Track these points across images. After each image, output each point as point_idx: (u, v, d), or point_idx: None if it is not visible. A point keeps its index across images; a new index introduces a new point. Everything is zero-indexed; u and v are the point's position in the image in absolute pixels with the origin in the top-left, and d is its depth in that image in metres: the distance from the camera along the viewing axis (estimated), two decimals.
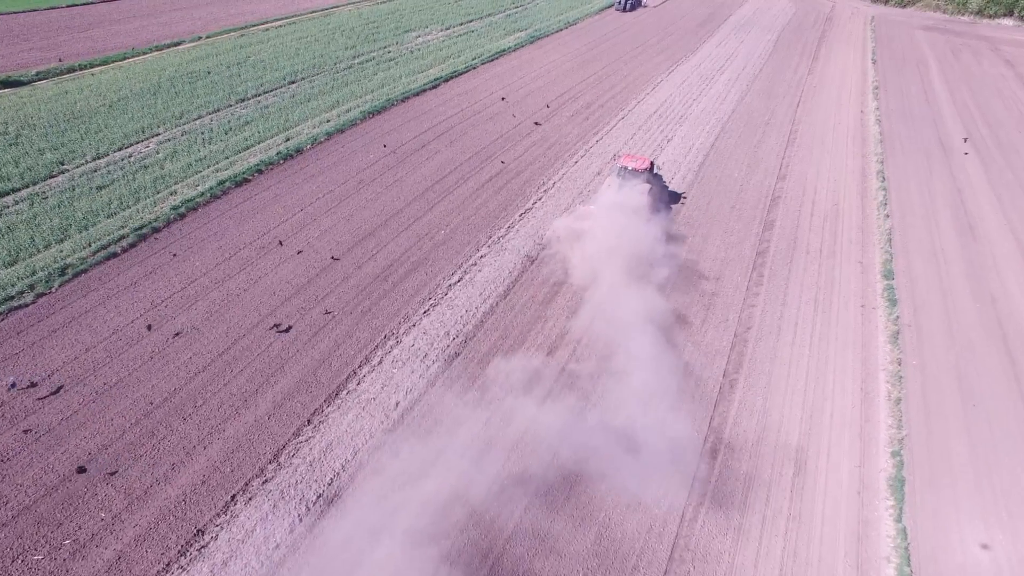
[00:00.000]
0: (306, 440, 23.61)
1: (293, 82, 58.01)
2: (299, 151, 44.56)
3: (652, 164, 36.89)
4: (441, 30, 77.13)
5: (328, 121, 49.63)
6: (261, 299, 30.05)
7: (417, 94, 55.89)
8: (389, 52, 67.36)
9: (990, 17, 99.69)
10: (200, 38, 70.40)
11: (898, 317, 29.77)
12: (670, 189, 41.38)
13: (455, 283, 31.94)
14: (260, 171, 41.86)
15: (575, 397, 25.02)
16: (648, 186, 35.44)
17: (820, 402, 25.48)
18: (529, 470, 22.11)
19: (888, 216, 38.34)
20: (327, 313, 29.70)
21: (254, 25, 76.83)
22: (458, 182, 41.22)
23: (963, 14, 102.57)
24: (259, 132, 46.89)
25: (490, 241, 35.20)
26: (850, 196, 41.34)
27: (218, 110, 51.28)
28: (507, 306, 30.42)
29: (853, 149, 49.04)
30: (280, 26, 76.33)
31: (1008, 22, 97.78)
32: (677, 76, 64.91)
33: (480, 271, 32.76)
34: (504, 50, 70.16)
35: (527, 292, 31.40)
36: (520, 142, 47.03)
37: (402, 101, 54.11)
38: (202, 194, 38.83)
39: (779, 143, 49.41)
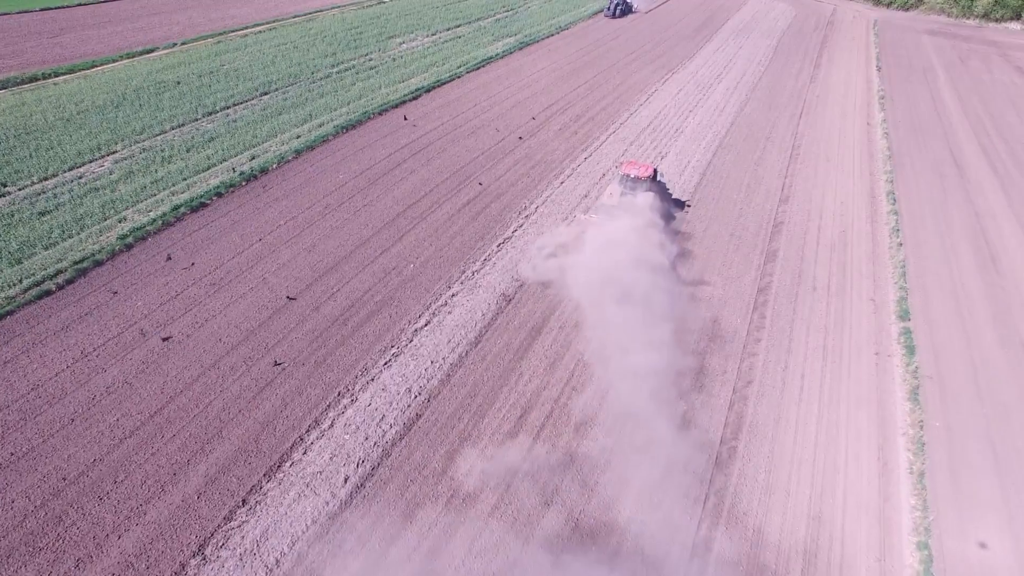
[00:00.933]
0: (239, 526, 20.26)
1: (266, 93, 54.63)
2: (264, 171, 41.19)
3: (655, 171, 34.80)
4: (427, 36, 73.78)
5: (298, 137, 46.25)
6: (205, 347, 26.68)
7: (396, 106, 52.51)
8: (370, 60, 64.00)
9: (996, 21, 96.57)
10: (175, 45, 67.02)
11: (917, 368, 26.41)
12: (674, 197, 38.84)
13: (421, 327, 28.56)
14: (220, 194, 38.49)
15: (535, 495, 21.60)
16: (651, 195, 33.54)
17: (832, 476, 22.13)
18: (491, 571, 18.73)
19: (901, 245, 35.01)
20: (276, 364, 26.34)
21: (233, 31, 73.42)
22: (432, 206, 37.84)
23: (968, 17, 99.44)
24: (224, 149, 43.55)
25: (463, 277, 31.82)
26: (859, 221, 37.99)
27: (183, 124, 47.90)
28: (478, 356, 27.06)
29: (860, 166, 45.70)
30: (260, 32, 72.94)
31: (1015, 26, 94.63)
32: (672, 85, 61.57)
33: (450, 313, 29.38)
34: (491, 57, 66.79)
35: (502, 338, 28.04)
36: (502, 160, 43.65)
37: (379, 114, 50.73)
38: (153, 221, 35.46)
39: (781, 160, 46.05)
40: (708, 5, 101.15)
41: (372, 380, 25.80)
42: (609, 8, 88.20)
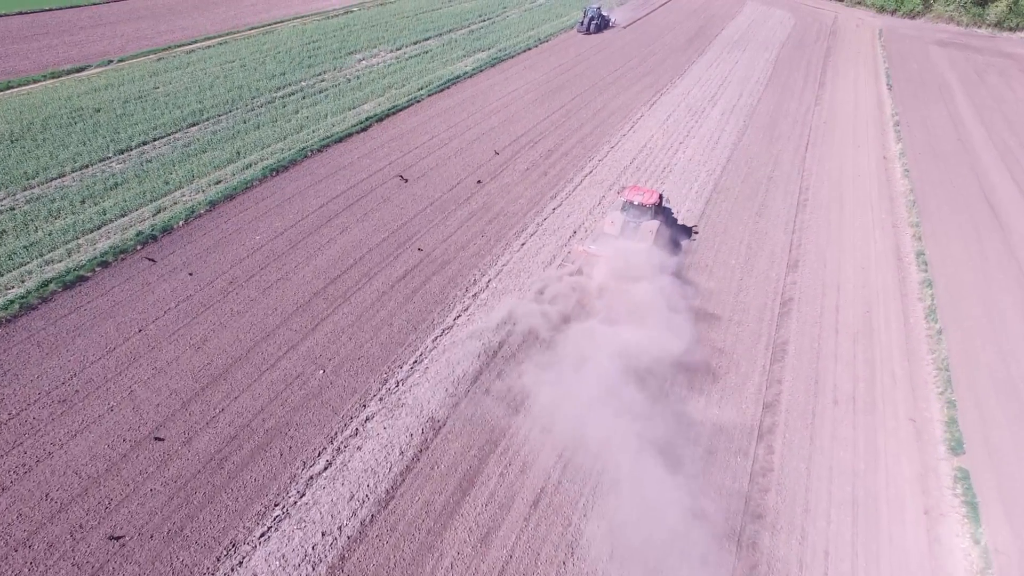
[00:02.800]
0: None
1: (195, 124, 47.20)
2: (167, 230, 33.85)
3: (661, 197, 31.53)
4: (390, 51, 66.36)
5: (218, 183, 38.86)
6: (23, 508, 19.36)
7: (340, 140, 45.10)
8: (322, 81, 56.57)
9: (1011, 30, 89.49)
10: (110, 62, 59.54)
11: (984, 540, 19.07)
12: (679, 223, 35.65)
13: (319, 473, 21.22)
14: (106, 263, 31.17)
15: None
16: (656, 223, 30.30)
17: None
18: None
19: (941, 333, 27.71)
20: (113, 539, 19.01)
21: (180, 46, 65.85)
22: (360, 281, 30.46)
23: (980, 26, 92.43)
24: (126, 200, 36.30)
25: (384, 389, 24.49)
26: (886, 296, 30.72)
27: (87, 165, 40.54)
28: (386, 524, 19.69)
29: (881, 214, 38.47)
30: (209, 47, 65.39)
31: None
32: (661, 109, 54.23)
33: (359, 448, 22.04)
34: (459, 76, 59.40)
35: (421, 493, 20.71)
36: (454, 212, 36.30)
37: (319, 151, 43.34)
38: (8, 304, 28.02)
39: (787, 207, 38.78)
40: (701, 13, 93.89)
41: (241, 564, 18.38)
42: (582, 23, 78.79)
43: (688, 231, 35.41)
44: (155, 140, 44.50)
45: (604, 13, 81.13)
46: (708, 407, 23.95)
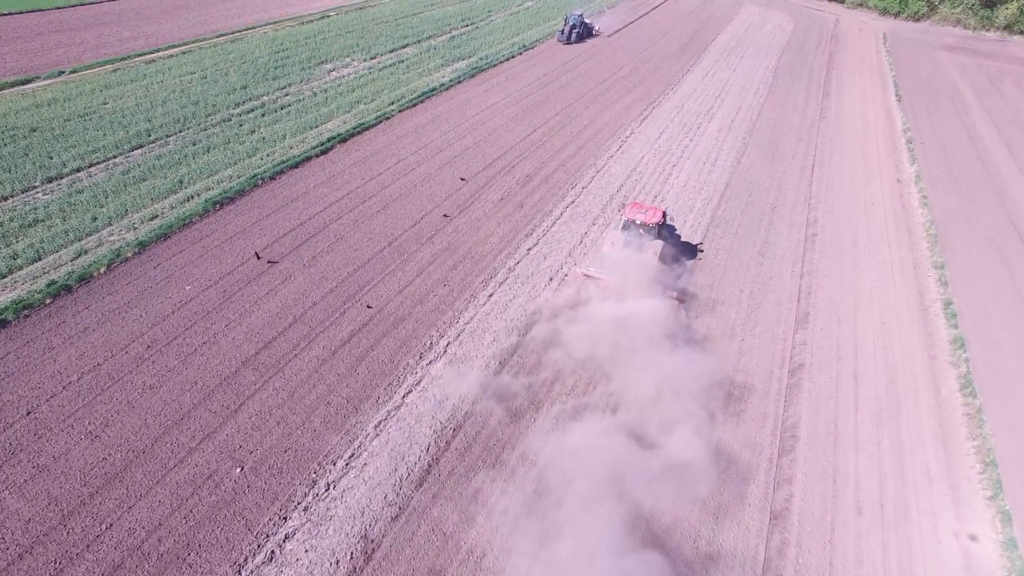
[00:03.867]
0: None
1: (139, 146, 42.57)
2: (85, 279, 29.24)
3: (665, 214, 30.04)
4: (364, 60, 61.69)
5: (154, 218, 34.28)
6: None
7: (297, 164, 40.50)
8: (286, 95, 51.89)
9: (1021, 34, 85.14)
10: (61, 73, 54.78)
11: None
12: (682, 239, 33.76)
13: None
14: (5, 323, 26.46)
15: None
16: (660, 243, 28.77)
17: None
18: None
19: (982, 411, 23.15)
20: None
21: (140, 55, 61.05)
22: (299, 345, 25.87)
23: (988, 30, 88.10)
24: (44, 241, 31.76)
25: (310, 495, 19.98)
26: (912, 360, 26.28)
27: (8, 197, 36.04)
28: None
29: (899, 252, 34.04)
30: (171, 56, 60.61)
31: None
32: (652, 125, 49.69)
33: None
34: (434, 89, 54.76)
35: None
36: (414, 255, 31.72)
37: (272, 178, 38.73)
38: None
39: (794, 244, 34.31)
40: (695, 17, 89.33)
41: None
42: (563, 31, 72.15)
43: (693, 249, 33.07)
44: (92, 166, 39.91)
45: (587, 21, 75.63)
46: (700, 536, 19.30)
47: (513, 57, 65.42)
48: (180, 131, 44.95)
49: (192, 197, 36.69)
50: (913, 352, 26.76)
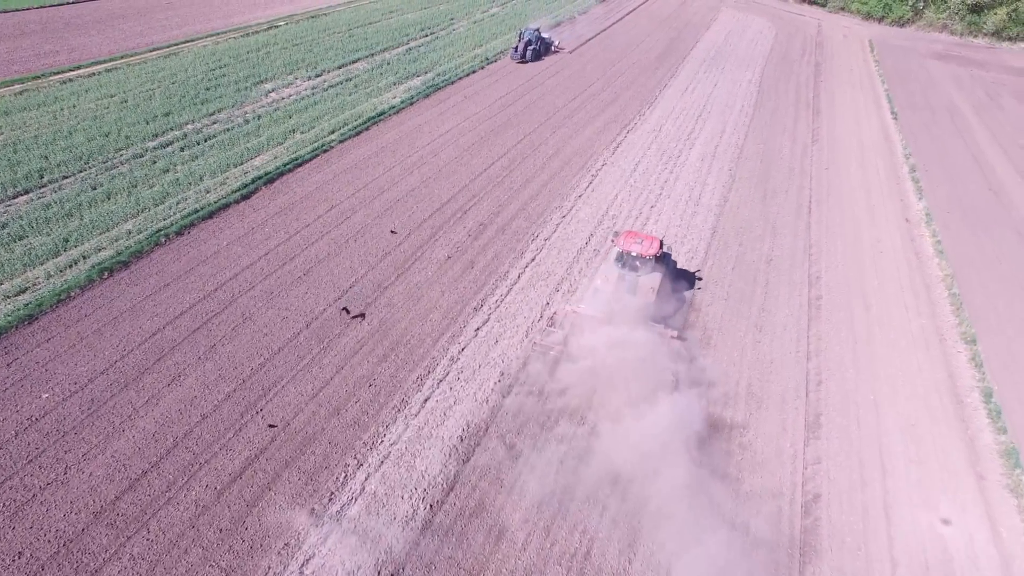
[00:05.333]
0: None
1: (27, 191, 35.94)
2: None
3: (662, 244, 27.54)
4: (308, 78, 55.06)
5: (22, 292, 27.86)
6: None
7: (212, 214, 34.08)
8: (214, 123, 45.23)
9: (1011, 40, 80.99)
10: None
11: None
12: (679, 267, 30.84)
13: None
14: None
15: None
16: (658, 277, 26.44)
17: None
18: None
19: None
20: None
21: (57, 72, 53.76)
22: (176, 481, 19.71)
23: (976, 35, 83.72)
24: None
25: None
26: (956, 481, 20.63)
27: None
28: None
29: (919, 319, 28.67)
30: (93, 74, 53.43)
31: None
32: (627, 153, 43.91)
33: None
34: (383, 112, 48.46)
35: None
36: (336, 342, 25.55)
37: (179, 234, 32.23)
38: None
39: (796, 311, 28.69)
40: (671, 23, 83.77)
41: None
42: (516, 49, 62.99)
43: (691, 278, 30.52)
44: None
45: (545, 35, 66.84)
46: None
47: (474, 72, 59.22)
48: (80, 171, 38.18)
49: (77, 262, 30.05)
50: (956, 468, 21.14)
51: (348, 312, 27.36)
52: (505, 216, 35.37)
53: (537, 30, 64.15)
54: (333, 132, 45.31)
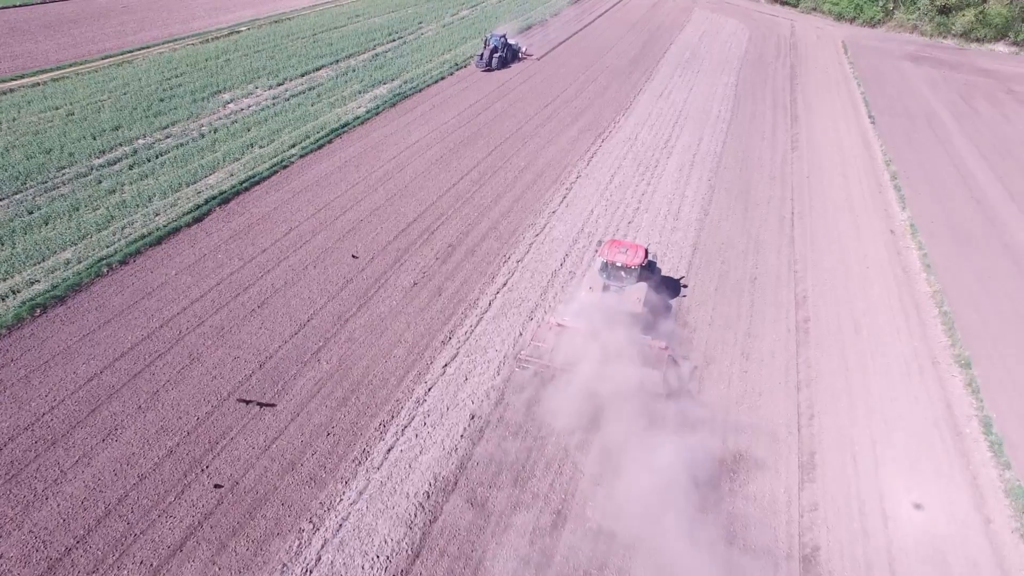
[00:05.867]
0: None
1: None
2: None
3: (647, 252, 26.75)
4: (269, 87, 52.52)
5: None
6: None
7: (161, 240, 31.64)
8: (167, 137, 42.67)
9: (979, 42, 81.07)
10: None
11: None
12: (663, 273, 30.27)
13: None
14: None
15: None
16: (644, 287, 25.66)
17: None
18: None
19: None
20: None
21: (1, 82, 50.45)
22: (106, 559, 17.33)
23: (945, 36, 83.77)
24: None
25: None
26: (961, 528, 18.96)
27: None
28: None
29: (912, 341, 27.38)
30: (38, 84, 50.43)
31: (1002, 48, 79.47)
32: (602, 164, 42.25)
33: None
34: (347, 124, 46.20)
35: None
36: (291, 384, 23.33)
37: (124, 263, 29.70)
38: None
39: (783, 338, 27.16)
40: (644, 25, 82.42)
41: None
42: (481, 56, 59.94)
43: (676, 286, 29.87)
44: None
45: (512, 41, 63.85)
46: None
47: (443, 79, 57.12)
48: (16, 192, 35.41)
49: (5, 297, 27.44)
50: (962, 514, 19.58)
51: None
52: (475, 236, 33.38)
53: (503, 36, 61.43)
54: (294, 146, 42.92)
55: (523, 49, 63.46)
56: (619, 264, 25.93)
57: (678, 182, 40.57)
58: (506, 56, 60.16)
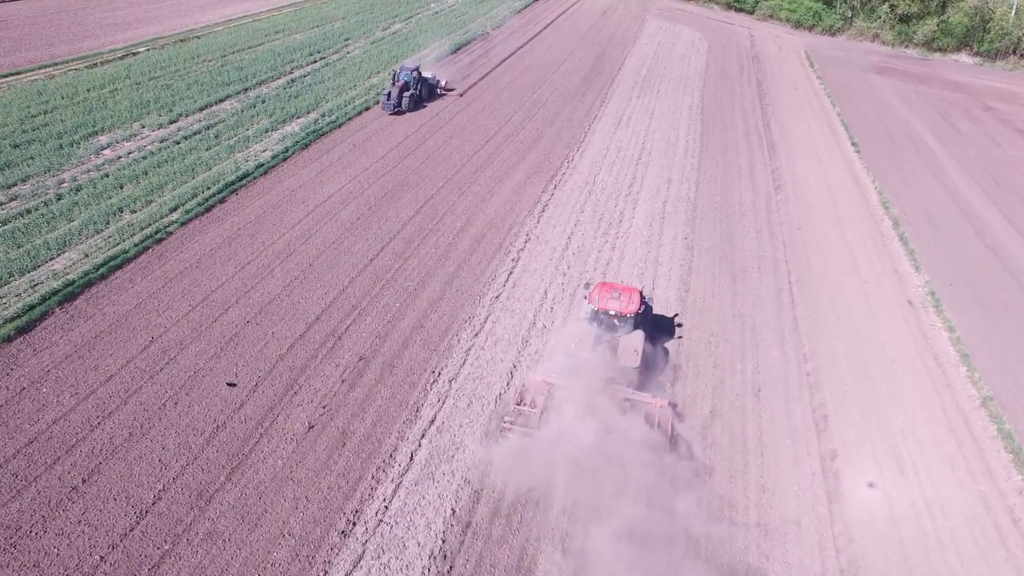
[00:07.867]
0: None
1: None
2: None
3: (642, 295, 24.15)
4: (160, 127, 43.41)
5: None
6: None
7: None
8: (12, 200, 34.09)
9: (941, 51, 77.57)
10: None
11: None
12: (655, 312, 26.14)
13: None
14: None
15: None
16: (641, 337, 23.03)
17: None
18: None
19: None
20: None
21: None
22: None
23: (907, 45, 79.93)
24: None
25: None
26: None
27: None
28: None
29: (978, 486, 20.04)
30: None
31: (966, 59, 76.14)
32: (556, 220, 35.06)
33: None
34: (247, 175, 37.73)
35: None
36: None
37: None
38: None
39: (805, 490, 19.99)
40: (595, 37, 75.51)
41: None
42: (389, 95, 48.63)
43: (670, 325, 27.24)
44: None
45: (428, 75, 52.38)
46: None
47: (367, 110, 48.86)
48: None
49: None
50: None
51: (203, 497, 16.76)
52: (394, 341, 25.38)
53: (416, 69, 50.34)
54: (175, 209, 34.20)
55: (442, 83, 53.42)
56: (612, 312, 23.48)
57: (649, 243, 33.38)
58: (420, 93, 50.26)
